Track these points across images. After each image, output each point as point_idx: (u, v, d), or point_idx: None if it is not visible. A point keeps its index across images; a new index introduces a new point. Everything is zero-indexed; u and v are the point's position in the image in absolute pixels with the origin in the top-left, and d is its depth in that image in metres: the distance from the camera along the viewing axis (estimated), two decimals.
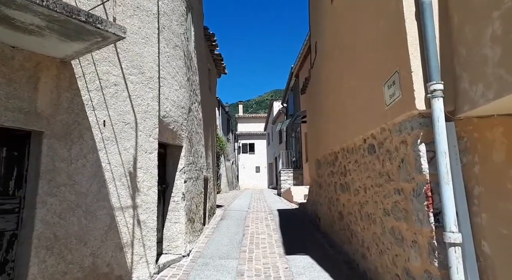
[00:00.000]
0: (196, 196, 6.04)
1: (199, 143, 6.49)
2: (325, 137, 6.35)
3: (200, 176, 6.62)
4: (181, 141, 5.21)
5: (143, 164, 4.16)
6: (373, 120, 3.54)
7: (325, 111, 6.24)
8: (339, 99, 5.04)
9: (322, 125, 6.58)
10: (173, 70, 4.97)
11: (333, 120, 5.52)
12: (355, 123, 4.26)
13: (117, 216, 3.79)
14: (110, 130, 3.81)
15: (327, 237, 6.14)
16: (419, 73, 2.53)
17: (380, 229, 3.51)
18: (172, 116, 4.88)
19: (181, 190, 5.13)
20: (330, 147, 5.84)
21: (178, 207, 5.09)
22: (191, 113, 5.74)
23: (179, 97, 5.09)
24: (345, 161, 4.89)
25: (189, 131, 5.59)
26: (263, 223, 7.87)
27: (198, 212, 6.24)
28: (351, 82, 4.29)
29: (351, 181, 4.62)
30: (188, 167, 5.47)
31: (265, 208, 10.98)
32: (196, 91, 6.31)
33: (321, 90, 6.62)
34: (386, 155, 3.24)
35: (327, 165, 6.25)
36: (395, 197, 3.07)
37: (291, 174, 16.31)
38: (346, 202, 4.99)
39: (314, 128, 7.84)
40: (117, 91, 3.92)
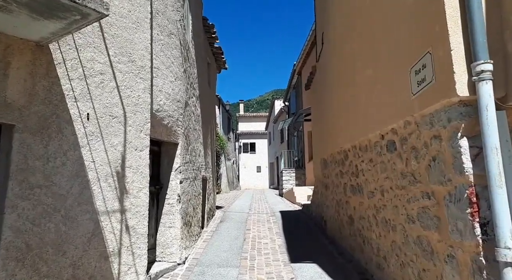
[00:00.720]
0: (193, 198, 5.59)
1: (197, 141, 6.04)
2: (332, 135, 5.90)
3: (198, 176, 6.18)
4: (177, 138, 4.76)
5: (133, 163, 3.72)
6: (394, 113, 3.09)
7: (333, 106, 5.79)
8: (350, 92, 4.59)
9: (330, 122, 6.13)
10: (167, 60, 4.53)
11: (343, 116, 5.07)
12: (370, 118, 3.81)
13: (102, 222, 3.35)
14: (95, 124, 3.37)
15: (334, 242, 5.69)
16: (460, 52, 2.08)
17: (402, 237, 3.06)
18: (167, 110, 4.44)
19: (177, 192, 4.68)
20: (339, 145, 5.39)
21: (173, 210, 4.64)
22: (188, 108, 5.30)
23: (174, 90, 4.65)
24: (357, 160, 4.44)
25: (186, 128, 5.15)
26: (265, 226, 7.42)
27: (195, 215, 5.79)
28: (366, 72, 3.84)
29: (364, 182, 4.17)
30: (185, 167, 5.02)
31: (266, 209, 10.53)
32: (194, 84, 5.87)
33: (329, 83, 6.17)
34: (411, 152, 2.79)
35: (335, 165, 5.80)
36: (423, 201, 2.62)
37: (293, 174, 15.87)
38: (357, 206, 4.54)
39: (320, 125, 7.39)
40: (103, 81, 3.48)
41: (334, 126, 5.76)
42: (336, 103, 5.54)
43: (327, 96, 6.40)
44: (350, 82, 4.60)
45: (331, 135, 6.06)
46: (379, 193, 3.66)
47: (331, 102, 5.98)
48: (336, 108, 5.56)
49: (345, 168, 5.08)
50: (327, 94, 6.35)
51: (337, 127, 5.53)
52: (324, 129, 6.88)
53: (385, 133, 3.39)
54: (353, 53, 4.43)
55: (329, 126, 6.19)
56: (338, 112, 5.41)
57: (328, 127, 6.30)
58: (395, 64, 3.00)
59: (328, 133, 6.32)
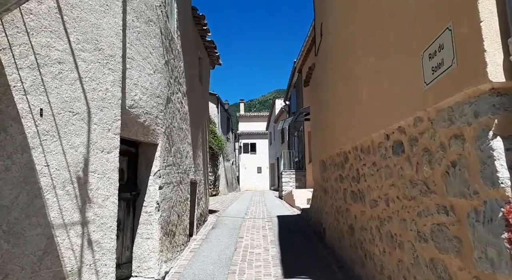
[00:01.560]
0: (178, 204, 5.09)
1: (183, 141, 5.54)
2: (332, 135, 5.39)
3: (185, 179, 5.68)
4: (156, 138, 4.26)
5: (98, 167, 3.22)
6: (402, 107, 2.58)
7: (333, 103, 5.27)
8: (351, 86, 4.08)
9: (329, 121, 5.61)
10: (145, 50, 4.03)
11: (343, 113, 4.56)
12: (373, 115, 3.30)
13: (57, 236, 2.85)
14: (51, 121, 2.87)
15: (334, 253, 5.17)
16: (492, 23, 1.57)
17: (411, 257, 2.55)
18: (143, 107, 3.94)
19: (155, 199, 4.18)
20: (338, 146, 4.88)
21: (151, 220, 4.14)
22: (170, 105, 4.80)
23: (153, 84, 4.15)
24: (359, 164, 3.92)
25: (168, 126, 4.65)
26: (260, 233, 6.91)
27: (181, 222, 5.30)
28: (369, 61, 3.33)
29: (367, 188, 3.66)
30: (166, 170, 4.52)
31: (264, 213, 10.02)
32: (180, 79, 5.37)
33: (328, 78, 5.66)
34: (423, 156, 2.27)
35: (334, 168, 5.28)
36: (439, 217, 2.10)
37: (293, 176, 15.34)
38: (358, 215, 4.02)
39: (319, 124, 6.88)
40: (62, 71, 2.98)
41: (333, 125, 5.25)
42: (336, 100, 5.03)
43: (326, 92, 5.89)
44: (351, 74, 4.08)
45: (330, 135, 5.55)
46: (383, 203, 3.14)
47: (331, 99, 5.46)
48: (336, 105, 5.04)
49: (345, 172, 4.56)
50: (327, 90, 5.84)
51: (336, 126, 5.02)
52: (323, 128, 6.37)
53: (391, 132, 2.87)
54: (353, 40, 3.92)
55: (329, 125, 5.67)
56: (338, 110, 4.90)
57: (328, 126, 5.78)
58: (403, 48, 2.49)
59: (327, 133, 5.81)
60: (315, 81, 7.32)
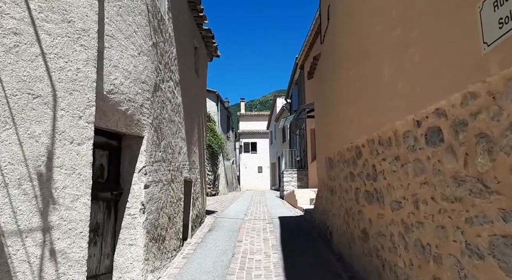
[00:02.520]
0: (168, 205, 4.54)
1: (175, 135, 4.99)
2: (341, 127, 4.83)
3: (178, 178, 5.13)
4: (141, 130, 3.71)
5: (66, 161, 2.67)
6: (442, 84, 2.02)
7: (342, 92, 4.72)
8: (367, 69, 3.53)
9: (337, 112, 5.06)
10: (128, 28, 3.48)
11: (355, 102, 4.01)
12: (397, 99, 2.74)
13: (8, 246, 2.30)
14: (2, 105, 2.33)
15: (343, 260, 4.62)
16: None
17: (455, 276, 1.99)
18: (125, 93, 3.39)
19: (140, 199, 3.63)
20: (349, 140, 4.32)
21: (135, 223, 3.59)
22: (159, 93, 4.24)
23: (137, 67, 3.60)
24: (375, 159, 3.37)
25: (156, 117, 4.10)
26: (261, 236, 6.35)
27: (172, 225, 4.74)
28: (392, 34, 2.77)
29: (386, 188, 3.10)
30: (154, 167, 3.97)
31: (264, 214, 9.46)
32: (171, 66, 4.82)
33: (337, 65, 5.10)
34: (478, 144, 1.72)
35: (343, 165, 4.72)
36: (504, 226, 1.55)
37: (295, 175, 14.78)
38: (374, 218, 3.47)
39: (325, 118, 6.32)
40: (18, 44, 2.43)
41: (343, 117, 4.69)
42: (346, 87, 4.47)
43: (334, 81, 5.34)
44: (366, 54, 3.53)
45: (338, 128, 4.99)
46: (410, 205, 2.59)
47: (339, 87, 4.91)
48: (346, 93, 4.49)
49: (358, 168, 4.01)
50: (334, 79, 5.28)
51: (347, 117, 4.46)
52: (330, 122, 5.81)
53: (423, 118, 2.32)
54: (371, 13, 3.36)
55: (337, 117, 5.12)
56: (349, 98, 4.34)
57: (336, 118, 5.23)
58: (446, 2, 1.93)
59: (335, 127, 5.26)
60: (321, 72, 6.76)
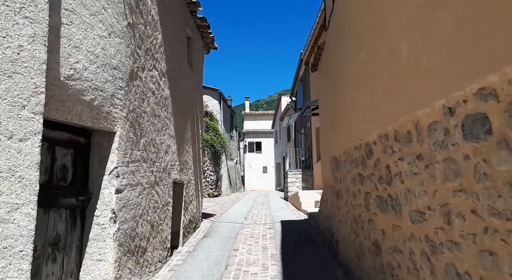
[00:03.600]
0: (151, 212, 4.00)
1: (160, 132, 4.44)
2: (348, 122, 4.24)
3: (164, 180, 4.58)
4: (113, 124, 3.17)
5: (1, 162, 2.14)
6: (493, 50, 1.44)
7: (350, 81, 4.13)
8: (381, 49, 2.94)
9: (343, 106, 4.47)
10: (94, 3, 2.94)
11: (366, 91, 3.42)
12: (420, 81, 2.16)
13: None
14: None
15: (350, 274, 4.03)
16: None
17: None
18: (90, 80, 2.85)
19: (110, 206, 3.09)
20: (357, 136, 3.74)
21: (104, 235, 3.05)
22: (138, 82, 3.70)
23: (107, 51, 3.06)
24: (390, 158, 2.78)
25: (133, 110, 3.55)
26: (259, 243, 5.78)
27: (157, 234, 4.20)
28: (411, 1, 2.19)
29: (404, 194, 2.51)
30: (130, 167, 3.43)
31: (266, 218, 8.89)
32: (155, 53, 4.27)
33: (343, 51, 4.51)
34: None
35: (351, 165, 4.13)
36: None
37: (300, 176, 14.17)
38: (389, 229, 2.88)
39: (330, 114, 5.73)
40: None
41: (350, 111, 4.10)
42: (354, 76, 3.88)
43: (340, 70, 4.75)
44: (379, 34, 2.94)
45: (346, 123, 4.40)
46: (438, 217, 2.00)
47: (346, 77, 4.32)
48: (353, 83, 3.90)
49: (368, 170, 3.42)
50: (340, 68, 4.69)
51: (354, 111, 3.87)
52: (335, 117, 5.22)
53: (459, 102, 1.73)
54: None
55: (343, 111, 4.53)
56: (357, 88, 3.76)
57: (341, 113, 4.64)
58: None
59: (341, 122, 4.66)
60: (325, 62, 6.17)
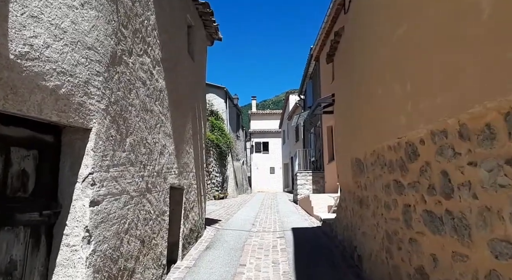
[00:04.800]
0: (140, 225, 3.34)
1: (153, 130, 3.79)
2: (378, 118, 3.53)
3: (159, 185, 3.92)
4: (87, 119, 2.51)
5: None
6: None
7: (381, 67, 3.42)
8: (436, 17, 2.23)
9: (371, 97, 3.76)
10: None
11: (408, 75, 2.71)
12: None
13: None
14: None
15: None
16: None
17: None
18: (54, 61, 2.19)
19: (83, 222, 2.43)
20: (393, 133, 3.03)
21: (75, 259, 2.39)
22: (122, 68, 3.04)
23: (78, 25, 2.40)
24: (451, 162, 2.07)
25: (115, 102, 2.89)
26: (269, 257, 5.09)
27: (149, 251, 3.54)
28: None
29: (477, 212, 1.81)
30: (110, 173, 2.77)
31: (275, 224, 8.20)
32: (146, 37, 3.61)
33: (372, 31, 3.80)
34: None
35: (381, 169, 3.43)
36: None
37: (310, 178, 13.45)
38: (444, 256, 2.18)
39: (351, 108, 5.02)
40: None
41: (382, 102, 3.40)
42: (389, 59, 3.17)
43: (366, 56, 4.04)
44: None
45: (374, 119, 3.69)
46: None
47: (376, 62, 3.61)
48: (388, 67, 3.19)
49: (410, 176, 2.71)
50: (368, 52, 3.99)
51: (388, 102, 3.17)
52: (358, 112, 4.51)
53: None
54: None
55: (371, 104, 3.82)
56: (393, 73, 3.05)
57: (369, 107, 3.93)
58: None
59: (368, 117, 3.96)
60: (345, 49, 5.45)
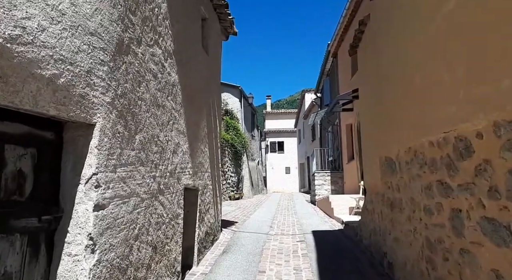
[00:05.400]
0: (151, 230, 3.06)
1: (166, 127, 3.50)
2: (416, 109, 3.14)
3: (172, 187, 3.64)
4: (90, 113, 2.23)
5: None
6: None
7: (421, 51, 3.03)
8: None
9: (408, 87, 3.37)
10: None
11: (459, 57, 2.32)
12: None
13: None
14: None
15: None
16: None
17: None
18: (52, 46, 1.91)
19: (86, 229, 2.15)
20: (438, 126, 2.64)
21: (77, 271, 2.11)
22: (131, 58, 2.76)
23: (79, 8, 2.12)
24: None
25: (122, 95, 2.61)
26: (290, 263, 4.75)
27: (162, 258, 3.26)
28: None
29: None
30: (117, 173, 2.49)
31: (294, 226, 7.84)
32: (157, 26, 3.33)
33: (410, 12, 3.40)
34: None
35: (420, 169, 3.03)
36: None
37: (328, 178, 13.01)
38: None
39: (380, 104, 4.63)
40: None
41: (424, 91, 3.01)
42: (434, 40, 2.78)
43: (401, 41, 3.65)
44: None
45: (411, 111, 3.30)
46: None
47: (414, 46, 3.22)
48: (433, 49, 2.80)
49: (461, 176, 2.32)
50: (403, 37, 3.60)
51: (432, 90, 2.78)
52: (389, 107, 4.12)
53: None
54: None
55: (407, 95, 3.43)
56: (438, 56, 2.66)
57: (404, 98, 3.54)
58: None
59: (403, 110, 3.56)
60: (372, 38, 5.05)
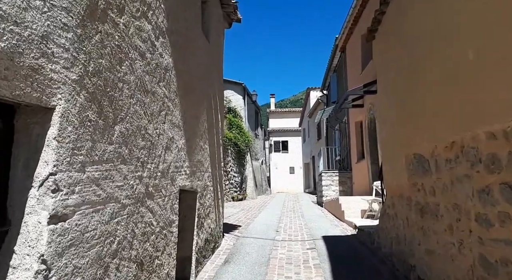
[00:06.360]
0: (134, 244, 2.50)
1: (156, 118, 2.95)
2: (463, 99, 2.56)
3: (164, 189, 3.08)
4: (47, 94, 1.68)
5: None
6: None
7: (464, 26, 2.44)
8: None
9: (452, 74, 2.78)
10: None
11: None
12: None
13: None
14: None
15: None
16: None
17: None
18: None
19: (37, 249, 1.60)
20: (499, 114, 2.06)
21: None
22: (106, 27, 2.20)
23: None
24: None
25: (96, 73, 2.06)
26: (301, 275, 4.17)
27: (149, 276, 2.71)
28: None
29: None
30: (86, 173, 1.94)
31: (302, 230, 7.26)
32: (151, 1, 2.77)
33: None
34: None
35: (471, 168, 2.45)
36: None
37: (336, 178, 12.41)
38: None
39: (410, 92, 4.05)
40: None
41: (472, 76, 2.42)
42: (486, 8, 2.20)
43: (435, 20, 3.05)
44: None
45: (452, 101, 2.72)
46: None
47: (456, 21, 2.64)
48: (484, 21, 2.22)
49: None
50: (437, 16, 3.01)
51: (482, 74, 2.19)
52: (423, 96, 3.55)
53: None
54: None
55: (449, 82, 2.85)
56: (495, 24, 2.07)
57: (445, 86, 2.95)
58: None
59: (442, 100, 2.98)
60: (396, 18, 4.46)
